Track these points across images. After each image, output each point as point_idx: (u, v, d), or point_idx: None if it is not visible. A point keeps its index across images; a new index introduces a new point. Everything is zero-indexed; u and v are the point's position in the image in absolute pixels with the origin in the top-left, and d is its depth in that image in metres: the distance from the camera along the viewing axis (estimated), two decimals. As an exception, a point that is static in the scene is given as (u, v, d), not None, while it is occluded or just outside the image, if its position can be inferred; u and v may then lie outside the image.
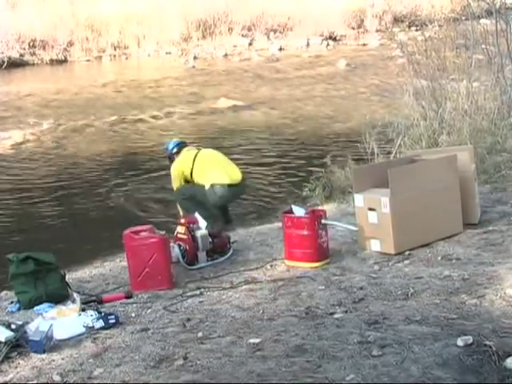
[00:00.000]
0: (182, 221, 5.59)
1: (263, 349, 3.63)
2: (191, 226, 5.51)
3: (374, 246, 5.21)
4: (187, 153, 7.22)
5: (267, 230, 6.34)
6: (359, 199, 5.30)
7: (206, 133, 11.89)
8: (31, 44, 21.19)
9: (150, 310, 4.52)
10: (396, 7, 24.06)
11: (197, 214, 5.69)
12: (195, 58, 20.99)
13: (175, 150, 7.35)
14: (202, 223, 5.58)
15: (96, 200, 8.65)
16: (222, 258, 5.54)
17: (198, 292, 4.78)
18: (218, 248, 5.59)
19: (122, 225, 7.65)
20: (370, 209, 5.18)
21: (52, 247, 6.65)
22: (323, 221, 5.16)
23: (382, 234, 5.14)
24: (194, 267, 5.40)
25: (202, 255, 5.46)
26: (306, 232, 5.10)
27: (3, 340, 3.96)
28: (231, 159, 7.48)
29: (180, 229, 5.53)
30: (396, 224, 5.06)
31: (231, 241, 5.77)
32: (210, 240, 5.52)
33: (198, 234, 5.46)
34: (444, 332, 3.59)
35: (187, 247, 5.42)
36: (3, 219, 8.10)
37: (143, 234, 5.07)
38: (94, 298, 4.80)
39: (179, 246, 5.44)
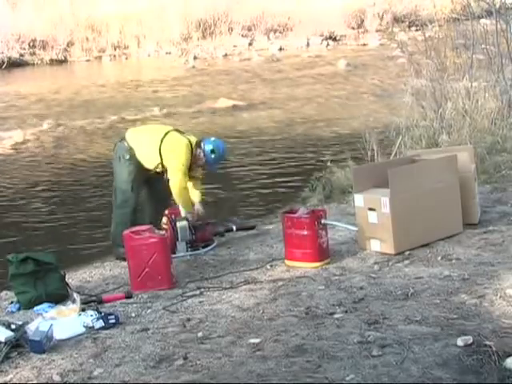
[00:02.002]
0: (166, 212, 5.75)
1: (263, 349, 3.64)
2: (173, 217, 5.67)
3: (374, 246, 5.21)
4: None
5: (267, 230, 6.35)
6: (359, 199, 5.30)
7: (205, 133, 11.87)
8: (31, 44, 21.22)
9: (150, 310, 4.52)
10: (396, 7, 24.09)
11: (180, 206, 5.76)
12: (195, 58, 21.01)
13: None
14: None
15: (96, 200, 8.64)
16: (203, 251, 5.68)
17: (197, 292, 4.78)
18: (200, 240, 5.73)
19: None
20: (370, 209, 5.18)
21: (52, 247, 6.67)
22: (323, 221, 5.16)
23: (381, 234, 5.14)
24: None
25: (180, 245, 5.64)
26: (306, 232, 5.10)
27: (3, 340, 3.96)
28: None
29: (164, 219, 5.73)
30: (396, 224, 5.06)
31: (224, 236, 5.93)
32: (193, 232, 5.67)
33: (178, 225, 5.63)
34: (444, 332, 3.59)
35: (167, 237, 5.56)
36: (3, 219, 8.10)
37: (143, 234, 5.08)
38: (94, 298, 4.80)
39: None
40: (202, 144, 5.85)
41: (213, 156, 5.82)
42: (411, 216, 5.12)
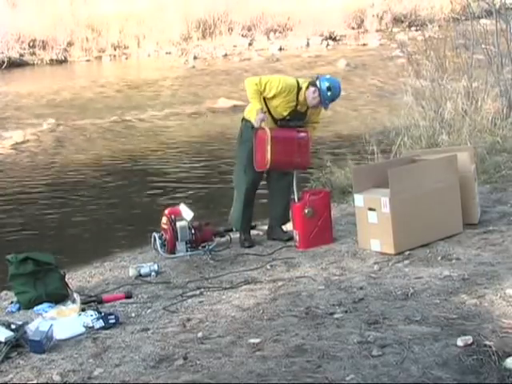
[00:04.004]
0: (166, 212, 5.74)
1: (263, 349, 3.64)
2: (172, 217, 5.66)
3: (374, 246, 5.21)
4: None
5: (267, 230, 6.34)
6: (359, 199, 5.30)
7: (205, 133, 11.89)
8: (31, 44, 21.19)
9: (149, 310, 4.52)
10: (396, 7, 24.07)
11: (182, 206, 5.76)
12: (195, 58, 20.98)
13: None
14: (187, 215, 5.68)
15: (96, 200, 8.65)
16: (202, 251, 5.65)
17: (197, 292, 4.78)
18: (200, 240, 5.71)
19: (121, 225, 7.72)
20: (370, 209, 5.18)
21: (52, 247, 6.67)
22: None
23: (382, 234, 5.14)
24: (171, 256, 5.58)
25: (180, 245, 5.63)
26: None
27: (3, 340, 3.96)
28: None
29: (163, 219, 5.71)
30: (396, 224, 5.06)
31: (224, 236, 5.88)
32: (193, 232, 5.64)
33: (178, 225, 5.61)
34: (444, 332, 3.59)
35: (167, 237, 5.59)
36: (3, 219, 8.09)
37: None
38: (94, 298, 4.80)
39: (161, 235, 5.61)
40: (318, 82, 5.63)
41: (329, 94, 5.60)
42: (411, 216, 5.12)
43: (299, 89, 5.65)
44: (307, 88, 5.65)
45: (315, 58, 20.04)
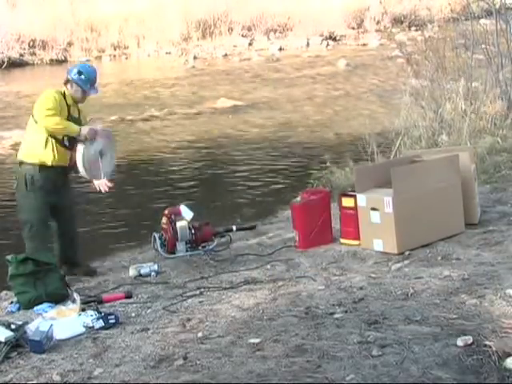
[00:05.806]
0: (166, 212, 5.75)
1: (263, 349, 3.63)
2: (173, 217, 5.66)
3: (377, 245, 5.20)
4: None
5: (267, 230, 6.34)
6: (362, 199, 5.29)
7: (205, 133, 11.89)
8: (31, 44, 21.22)
9: (149, 310, 4.52)
10: (396, 7, 24.10)
11: (182, 206, 5.76)
12: (195, 58, 21.00)
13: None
14: (187, 215, 5.68)
15: (95, 200, 8.63)
16: (202, 251, 5.65)
17: (197, 292, 4.78)
18: (200, 240, 5.71)
19: (121, 225, 7.72)
20: (373, 209, 5.18)
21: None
22: None
23: (384, 234, 5.13)
24: (171, 256, 5.58)
25: (180, 245, 5.63)
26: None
27: (3, 340, 3.96)
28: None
29: (163, 219, 5.71)
30: (399, 224, 5.06)
31: (224, 236, 5.88)
32: (193, 232, 5.64)
33: (178, 225, 5.61)
34: (444, 332, 3.59)
35: (167, 237, 5.60)
36: (2, 220, 8.09)
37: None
38: (93, 298, 4.80)
39: (161, 235, 5.62)
40: (68, 77, 5.39)
41: (83, 77, 5.37)
42: (414, 216, 5.12)
43: (63, 94, 5.37)
44: (66, 87, 5.39)
45: (315, 58, 20.06)
